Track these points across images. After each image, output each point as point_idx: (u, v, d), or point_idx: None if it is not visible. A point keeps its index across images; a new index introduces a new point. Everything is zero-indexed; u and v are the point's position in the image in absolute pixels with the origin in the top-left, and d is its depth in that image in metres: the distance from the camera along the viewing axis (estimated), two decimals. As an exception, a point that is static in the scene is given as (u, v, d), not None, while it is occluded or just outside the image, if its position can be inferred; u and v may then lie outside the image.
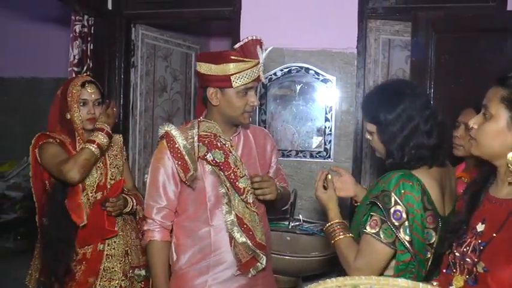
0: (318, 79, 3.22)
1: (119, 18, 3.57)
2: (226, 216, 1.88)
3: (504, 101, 1.28)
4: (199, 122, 1.95)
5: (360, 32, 3.18)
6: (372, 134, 1.67)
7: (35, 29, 5.50)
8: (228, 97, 1.87)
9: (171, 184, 1.90)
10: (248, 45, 1.85)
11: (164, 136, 1.90)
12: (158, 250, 1.91)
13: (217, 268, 1.90)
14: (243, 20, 3.31)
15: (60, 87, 2.34)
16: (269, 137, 2.19)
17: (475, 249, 1.31)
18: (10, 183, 5.34)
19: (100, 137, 2.20)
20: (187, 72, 4.23)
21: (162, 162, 1.89)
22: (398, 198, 1.47)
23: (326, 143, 3.21)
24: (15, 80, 5.85)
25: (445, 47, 3.04)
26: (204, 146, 1.88)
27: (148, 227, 1.92)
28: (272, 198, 1.95)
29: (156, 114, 3.90)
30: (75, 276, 2.24)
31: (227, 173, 1.87)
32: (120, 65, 3.57)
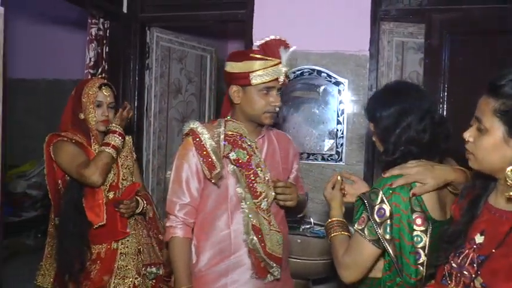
0: (330, 82, 3.20)
1: (134, 21, 3.62)
2: (245, 219, 1.87)
3: (497, 113, 1.20)
4: (226, 121, 1.96)
5: (373, 35, 3.16)
6: (373, 133, 1.68)
7: (54, 32, 5.62)
8: (249, 95, 1.87)
9: (195, 181, 1.89)
10: (270, 44, 1.84)
11: (190, 133, 1.90)
12: (180, 247, 1.89)
13: (237, 271, 1.89)
14: (255, 23, 3.32)
15: (74, 88, 2.39)
16: (292, 143, 2.18)
17: (473, 262, 1.25)
18: (31, 182, 5.45)
19: (115, 139, 2.26)
20: (202, 74, 4.26)
21: (186, 158, 1.89)
22: (386, 197, 1.47)
23: (338, 146, 3.19)
24: (37, 81, 5.97)
25: (459, 49, 3.01)
26: (229, 144, 1.88)
27: (170, 223, 1.90)
28: (293, 205, 1.95)
29: (170, 115, 3.94)
30: (90, 275, 2.28)
31: (246, 173, 1.87)
32: (134, 67, 3.63)
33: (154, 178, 3.77)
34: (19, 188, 5.36)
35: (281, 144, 2.08)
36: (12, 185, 5.41)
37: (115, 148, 2.25)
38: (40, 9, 5.22)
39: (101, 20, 3.40)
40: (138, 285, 2.35)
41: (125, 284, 2.31)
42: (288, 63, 1.87)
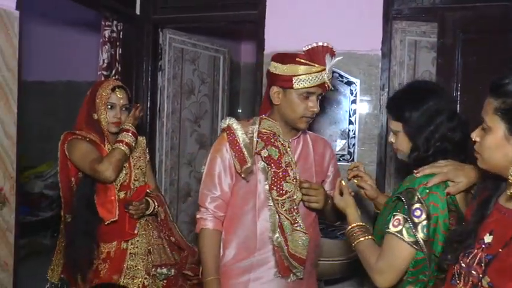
0: (342, 82, 3.19)
1: (146, 23, 3.65)
2: (272, 216, 1.89)
3: (497, 112, 1.22)
4: (261, 119, 1.99)
5: (385, 34, 3.14)
6: (397, 133, 1.67)
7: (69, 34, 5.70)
8: (289, 98, 1.89)
9: (227, 176, 1.93)
10: (316, 50, 1.87)
11: (226, 129, 1.94)
12: (210, 238, 1.92)
13: (261, 268, 1.91)
14: (267, 23, 3.32)
15: (89, 89, 2.43)
16: (329, 146, 2.18)
17: (481, 262, 1.26)
18: (48, 183, 5.53)
19: (128, 137, 2.29)
20: (215, 75, 4.27)
21: (220, 153, 1.94)
22: (422, 197, 1.46)
23: (350, 146, 3.18)
24: (54, 83, 6.06)
25: (472, 48, 2.97)
26: (262, 142, 1.92)
27: (201, 215, 1.94)
28: (318, 207, 1.93)
29: (183, 116, 3.97)
30: (99, 274, 2.31)
31: (275, 171, 1.89)
32: (147, 69, 3.66)
33: (167, 179, 3.80)
34: (36, 188, 5.46)
35: (316, 147, 2.08)
36: (30, 185, 5.51)
37: (128, 146, 2.28)
38: (56, 12, 5.30)
39: (114, 22, 3.44)
40: (148, 285, 2.37)
41: (134, 284, 2.33)
42: (331, 70, 1.90)
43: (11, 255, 2.49)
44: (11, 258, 2.49)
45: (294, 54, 1.89)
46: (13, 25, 2.43)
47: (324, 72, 1.86)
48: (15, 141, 2.47)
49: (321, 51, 1.87)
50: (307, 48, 1.88)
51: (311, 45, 1.88)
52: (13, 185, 2.47)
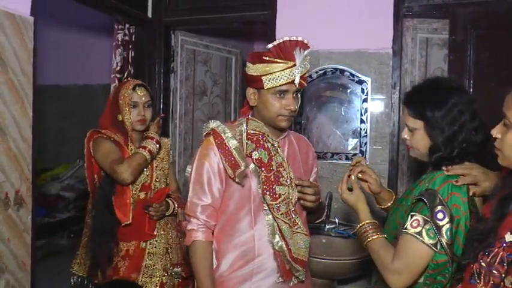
0: (353, 80, 3.19)
1: (158, 25, 3.69)
2: (269, 221, 1.81)
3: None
4: (247, 120, 1.89)
5: (396, 32, 3.13)
6: (415, 130, 1.63)
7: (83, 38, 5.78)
8: (264, 98, 1.81)
9: (217, 181, 1.82)
10: (282, 46, 1.75)
11: (210, 133, 1.84)
12: (203, 251, 1.81)
13: (260, 275, 1.83)
14: (278, 23, 3.34)
15: (113, 91, 2.47)
16: (311, 146, 2.13)
17: (503, 261, 1.24)
18: (64, 185, 5.61)
19: (151, 144, 2.34)
20: (227, 76, 4.30)
21: (207, 158, 1.82)
22: (444, 199, 1.45)
23: (362, 145, 3.18)
24: (69, 87, 6.15)
25: (484, 44, 2.94)
26: (252, 143, 1.82)
27: (192, 226, 1.83)
28: (313, 205, 1.88)
29: (196, 117, 4.00)
30: (119, 272, 2.35)
31: (267, 175, 1.80)
32: (160, 71, 3.70)
33: (180, 179, 3.82)
34: (53, 190, 5.54)
35: (301, 147, 2.03)
36: (47, 187, 5.60)
37: (150, 152, 2.33)
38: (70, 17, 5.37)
39: (126, 26, 3.50)
40: (166, 282, 2.41)
41: (152, 282, 2.37)
42: (304, 64, 1.79)
43: (28, 255, 2.54)
44: (28, 258, 2.54)
45: (261, 53, 1.80)
46: (28, 30, 2.48)
47: (293, 68, 1.74)
48: (30, 144, 2.52)
49: (289, 46, 1.74)
50: (272, 45, 1.77)
51: (277, 41, 1.76)
52: (29, 186, 2.52)
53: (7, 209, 2.39)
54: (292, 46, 1.75)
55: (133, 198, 2.35)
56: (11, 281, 2.43)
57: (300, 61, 1.75)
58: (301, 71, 1.77)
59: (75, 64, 5.93)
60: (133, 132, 2.42)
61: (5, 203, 2.37)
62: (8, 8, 2.37)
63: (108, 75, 3.60)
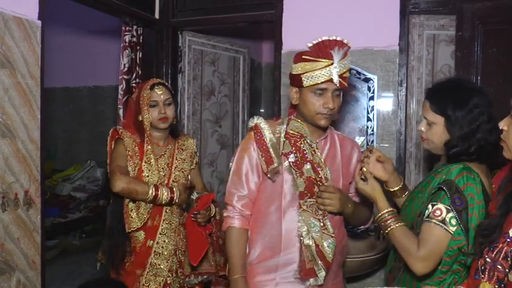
0: (359, 78, 3.18)
1: (166, 26, 3.72)
2: (301, 215, 1.88)
3: None
4: (289, 120, 1.98)
5: (402, 29, 3.11)
6: (433, 124, 1.71)
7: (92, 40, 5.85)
8: (304, 97, 1.88)
9: (254, 175, 1.93)
10: (321, 45, 1.83)
11: (253, 128, 1.95)
12: (237, 236, 1.92)
13: (286, 268, 1.90)
14: (285, 22, 3.34)
15: (136, 91, 2.52)
16: (357, 148, 2.14)
17: (507, 257, 1.26)
18: (75, 185, 5.68)
19: (164, 196, 2.32)
20: (235, 76, 4.31)
21: (247, 152, 1.94)
22: (461, 188, 1.54)
23: (368, 143, 3.17)
24: (79, 89, 6.22)
25: (492, 40, 2.92)
26: (289, 144, 1.91)
27: (228, 213, 1.95)
28: (333, 210, 1.90)
29: (204, 117, 4.02)
30: (124, 266, 2.40)
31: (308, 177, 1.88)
32: (167, 72, 3.72)
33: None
34: (64, 191, 5.62)
35: (344, 149, 2.05)
36: (59, 188, 5.68)
37: (155, 198, 2.30)
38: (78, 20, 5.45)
39: (134, 27, 3.52)
40: (171, 283, 2.43)
41: (156, 281, 2.40)
42: (344, 64, 1.84)
43: (38, 254, 2.58)
44: (38, 258, 2.59)
45: (301, 52, 1.88)
46: (35, 34, 2.52)
47: (331, 67, 1.80)
48: (39, 145, 2.56)
49: (327, 46, 1.82)
50: (311, 44, 1.85)
51: (316, 40, 1.84)
52: (38, 187, 2.56)
53: (17, 209, 2.43)
54: (330, 45, 1.83)
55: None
56: (22, 280, 2.48)
57: (338, 60, 1.81)
58: (339, 70, 1.82)
59: (84, 66, 6.01)
60: (156, 131, 2.45)
61: (14, 203, 2.42)
62: (16, 12, 2.41)
63: (117, 77, 3.63)
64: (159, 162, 2.43)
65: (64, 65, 5.80)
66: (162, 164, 2.44)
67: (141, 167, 2.37)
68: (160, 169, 2.42)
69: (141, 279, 2.38)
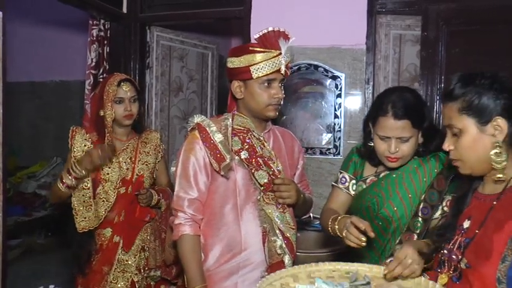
0: (327, 76, 3.22)
1: (134, 21, 3.68)
2: (261, 212, 1.84)
3: (463, 111, 1.29)
4: (233, 115, 1.92)
5: (369, 28, 3.17)
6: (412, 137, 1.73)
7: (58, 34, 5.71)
8: (251, 89, 1.83)
9: (203, 175, 1.83)
10: (268, 36, 1.78)
11: (195, 127, 1.86)
12: (191, 245, 1.81)
13: (246, 268, 1.84)
14: (253, 19, 3.35)
15: (99, 86, 2.45)
16: (297, 140, 2.13)
17: (460, 246, 1.32)
18: (41, 183, 5.55)
19: (67, 180, 2.22)
20: (203, 72, 4.29)
21: (193, 152, 1.83)
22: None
23: (335, 140, 3.21)
24: (45, 83, 6.07)
25: (455, 40, 3.00)
26: (238, 140, 1.86)
27: (179, 220, 1.82)
28: (290, 202, 1.88)
29: (171, 113, 3.99)
30: (91, 264, 2.35)
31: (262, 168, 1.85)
32: (135, 67, 3.69)
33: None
34: (29, 189, 5.48)
35: (286, 141, 2.03)
36: (23, 185, 5.53)
37: (68, 187, 2.23)
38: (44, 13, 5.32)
39: (101, 21, 3.46)
40: (137, 281, 2.39)
41: (124, 277, 2.36)
42: (289, 54, 1.83)
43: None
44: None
45: (247, 45, 1.85)
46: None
47: (280, 57, 1.79)
48: (0, 141, 2.47)
49: (273, 36, 1.78)
50: (258, 35, 1.80)
51: (262, 31, 1.80)
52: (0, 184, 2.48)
53: (-23, 207, 2.35)
54: (276, 35, 1.79)
55: (113, 194, 2.32)
56: (-19, 280, 2.40)
57: (285, 50, 1.79)
58: (286, 59, 1.82)
59: (51, 60, 5.86)
60: (119, 127, 2.41)
61: (-26, 202, 2.34)
62: (-25, 2, 2.33)
63: (84, 71, 3.57)
64: (120, 157, 2.39)
65: (29, 59, 5.66)
66: (125, 158, 2.40)
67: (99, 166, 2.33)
68: (122, 164, 2.38)
69: (108, 277, 2.34)
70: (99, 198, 2.30)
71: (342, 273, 1.45)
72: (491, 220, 1.27)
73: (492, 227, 1.25)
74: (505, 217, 1.23)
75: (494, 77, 1.29)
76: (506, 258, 1.19)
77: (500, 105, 1.26)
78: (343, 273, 1.45)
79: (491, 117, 1.26)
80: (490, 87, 1.27)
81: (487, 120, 1.27)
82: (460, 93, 1.30)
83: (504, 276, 1.18)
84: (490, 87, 1.27)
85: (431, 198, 1.75)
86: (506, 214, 1.24)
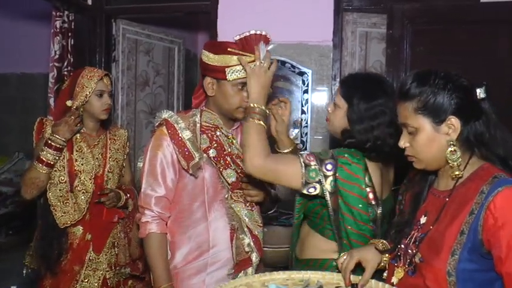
0: (294, 72, 3.24)
1: (99, 13, 3.61)
2: (229, 210, 1.84)
3: (418, 111, 1.30)
4: (202, 111, 1.89)
5: (336, 25, 3.21)
6: (338, 108, 1.72)
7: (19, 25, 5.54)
8: (224, 89, 1.79)
9: (171, 172, 1.80)
10: (248, 39, 1.75)
11: (163, 123, 1.82)
12: (158, 243, 1.80)
13: (214, 266, 1.83)
14: (220, 14, 3.34)
15: (70, 78, 2.40)
16: None
17: (416, 241, 1.35)
18: (1, 179, 5.37)
19: (47, 155, 2.20)
20: (170, 66, 4.26)
21: (160, 149, 1.79)
22: (336, 156, 1.59)
23: (302, 135, 3.24)
24: (6, 76, 5.89)
25: (420, 38, 3.07)
26: (207, 138, 1.83)
27: (146, 218, 1.80)
28: (259, 200, 1.89)
29: (138, 108, 3.95)
30: (61, 264, 2.29)
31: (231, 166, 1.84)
32: (101, 60, 3.63)
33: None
34: (-13, 185, 5.29)
35: None
36: (-18, 181, 5.35)
37: (48, 165, 2.20)
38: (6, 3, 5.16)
39: (65, 13, 3.37)
40: (109, 278, 2.36)
41: (95, 276, 2.32)
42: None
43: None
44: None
45: (226, 44, 1.79)
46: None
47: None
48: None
49: (254, 40, 1.75)
50: (239, 37, 1.76)
51: (243, 34, 1.76)
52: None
53: None
54: (257, 39, 1.76)
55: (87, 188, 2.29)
56: None
57: (263, 55, 1.74)
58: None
59: (12, 52, 5.68)
60: (91, 121, 2.37)
61: None
62: None
63: (47, 64, 3.47)
64: (93, 152, 2.36)
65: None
66: (96, 153, 2.37)
67: (71, 158, 2.29)
68: (95, 158, 2.35)
69: (79, 276, 2.29)
70: (78, 191, 2.27)
71: (295, 281, 1.48)
72: (444, 216, 1.30)
73: (445, 222, 1.29)
74: (455, 212, 1.27)
75: (448, 76, 1.30)
76: (455, 252, 1.23)
77: (453, 105, 1.27)
78: (296, 281, 1.47)
79: (445, 117, 1.28)
80: (444, 86, 1.28)
81: (442, 120, 1.29)
82: (416, 93, 1.30)
83: (454, 270, 1.22)
84: (444, 87, 1.28)
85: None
86: (457, 210, 1.27)
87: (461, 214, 1.25)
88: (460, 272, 1.22)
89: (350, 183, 1.60)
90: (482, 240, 1.21)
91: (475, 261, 1.23)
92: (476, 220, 1.21)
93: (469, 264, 1.22)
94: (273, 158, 1.63)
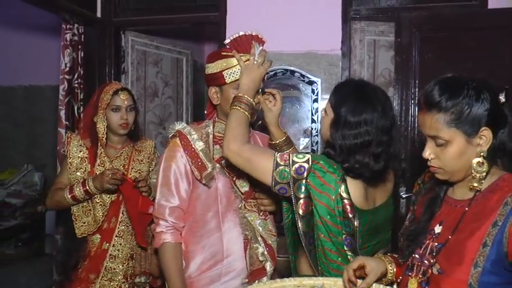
0: (303, 81, 3.25)
1: (108, 25, 3.64)
2: (242, 220, 1.84)
3: (452, 123, 1.26)
4: (214, 122, 1.92)
5: (344, 34, 3.22)
6: (325, 115, 1.65)
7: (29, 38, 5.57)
8: (226, 94, 1.82)
9: (184, 183, 1.83)
10: (239, 39, 1.77)
11: (176, 134, 1.85)
12: (173, 253, 1.82)
13: (228, 276, 1.84)
14: (229, 25, 3.36)
15: (96, 92, 2.43)
16: None
17: (432, 251, 1.33)
18: (10, 191, 5.37)
19: (78, 193, 2.26)
20: (178, 77, 4.28)
21: (174, 160, 1.82)
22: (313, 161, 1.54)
23: (313, 144, 3.24)
24: (13, 88, 5.91)
25: (428, 45, 3.07)
26: (219, 149, 1.82)
27: (160, 228, 1.82)
28: (272, 209, 1.89)
29: (147, 119, 3.96)
30: (77, 272, 2.32)
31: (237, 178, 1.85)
32: (110, 72, 3.65)
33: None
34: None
35: (264, 145, 2.01)
36: (-9, 194, 5.36)
37: (74, 198, 2.26)
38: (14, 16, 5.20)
39: (75, 26, 3.40)
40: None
41: (111, 286, 2.33)
42: (263, 57, 1.77)
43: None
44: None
45: (220, 50, 1.84)
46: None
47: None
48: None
49: (245, 40, 1.77)
50: (229, 40, 1.79)
51: (233, 36, 1.78)
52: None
53: None
54: (248, 40, 1.77)
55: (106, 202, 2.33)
56: None
57: (258, 54, 1.75)
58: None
59: (19, 64, 5.71)
60: (115, 136, 2.40)
61: None
62: None
63: (55, 76, 3.50)
64: (113, 164, 2.37)
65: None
66: (118, 165, 2.38)
67: (92, 171, 2.32)
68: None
69: (94, 286, 2.30)
70: (96, 203, 2.31)
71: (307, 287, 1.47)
72: (463, 226, 1.28)
73: (464, 232, 1.27)
74: (477, 223, 1.25)
75: (479, 85, 1.27)
76: (478, 264, 1.21)
77: (486, 116, 1.24)
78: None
79: (479, 128, 1.25)
80: (478, 97, 1.25)
81: (475, 131, 1.26)
82: (449, 105, 1.25)
83: (476, 282, 1.20)
84: (477, 98, 1.25)
85: None
86: (478, 220, 1.25)
87: (483, 225, 1.23)
88: (482, 284, 1.20)
89: (319, 191, 1.53)
90: (507, 252, 1.19)
91: (497, 274, 1.21)
92: (501, 232, 1.20)
93: (492, 277, 1.21)
94: (250, 148, 1.65)
